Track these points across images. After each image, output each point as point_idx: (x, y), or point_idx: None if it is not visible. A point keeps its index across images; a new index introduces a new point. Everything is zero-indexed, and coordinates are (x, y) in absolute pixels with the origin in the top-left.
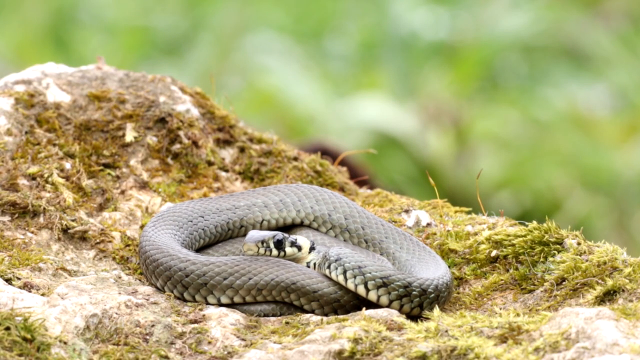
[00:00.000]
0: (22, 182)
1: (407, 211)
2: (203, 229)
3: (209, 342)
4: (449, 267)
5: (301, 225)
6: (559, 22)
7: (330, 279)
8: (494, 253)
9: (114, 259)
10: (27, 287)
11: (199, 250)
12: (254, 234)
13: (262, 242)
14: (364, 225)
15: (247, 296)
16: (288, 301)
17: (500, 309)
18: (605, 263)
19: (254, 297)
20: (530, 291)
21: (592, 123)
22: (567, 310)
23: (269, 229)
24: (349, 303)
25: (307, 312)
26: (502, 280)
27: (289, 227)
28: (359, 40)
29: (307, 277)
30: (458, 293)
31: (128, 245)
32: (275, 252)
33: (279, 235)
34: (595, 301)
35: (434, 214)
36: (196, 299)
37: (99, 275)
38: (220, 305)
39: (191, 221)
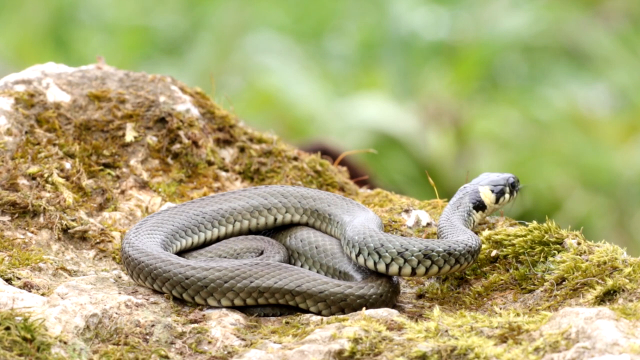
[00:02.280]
0: (22, 182)
1: (407, 211)
2: (178, 232)
3: (209, 342)
4: None
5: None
6: (559, 22)
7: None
8: (494, 253)
9: (114, 259)
10: (27, 287)
11: (185, 251)
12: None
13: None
14: (320, 199)
15: (248, 299)
16: (293, 304)
17: (500, 308)
18: (605, 263)
19: (256, 299)
20: (530, 291)
21: (592, 123)
22: (567, 310)
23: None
24: (355, 302)
25: (314, 314)
26: (502, 280)
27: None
28: (359, 40)
29: (310, 279)
30: (458, 293)
31: None
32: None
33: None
34: (595, 301)
35: (434, 214)
36: (196, 301)
37: (99, 275)
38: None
39: (172, 225)
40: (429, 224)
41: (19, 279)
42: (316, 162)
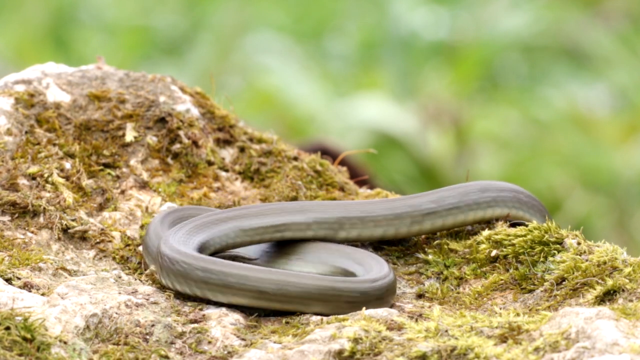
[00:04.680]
0: (22, 182)
1: None
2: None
3: (209, 342)
4: (448, 266)
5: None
6: (559, 22)
7: None
8: (493, 253)
9: (114, 258)
10: (27, 287)
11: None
12: None
13: None
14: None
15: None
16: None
17: (500, 308)
18: (605, 263)
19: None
20: (530, 291)
21: (592, 123)
22: (567, 310)
23: None
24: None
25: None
26: (502, 280)
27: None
28: (359, 40)
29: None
30: (458, 293)
31: (128, 245)
32: None
33: None
34: (595, 301)
35: None
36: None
37: (99, 275)
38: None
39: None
40: None
41: (19, 279)
42: (316, 162)
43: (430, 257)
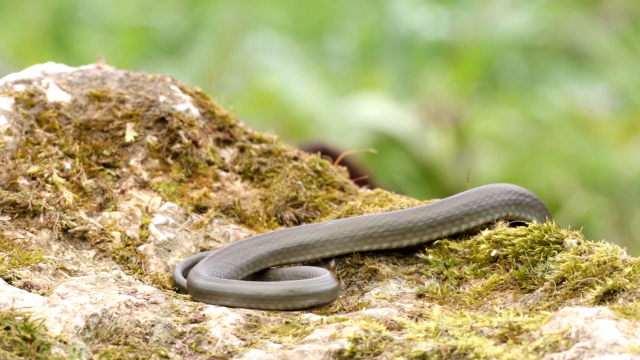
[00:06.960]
0: (22, 181)
1: None
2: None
3: (209, 342)
4: (448, 266)
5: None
6: (559, 22)
7: None
8: (494, 253)
9: (114, 258)
10: (27, 287)
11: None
12: None
13: None
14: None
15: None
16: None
17: (500, 308)
18: (605, 263)
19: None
20: (530, 291)
21: (592, 123)
22: (567, 310)
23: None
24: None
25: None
26: (502, 279)
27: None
28: (359, 40)
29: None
30: (458, 293)
31: (128, 245)
32: None
33: None
34: (595, 301)
35: None
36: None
37: (99, 275)
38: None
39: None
40: None
41: (19, 279)
42: (316, 162)
43: (430, 257)
